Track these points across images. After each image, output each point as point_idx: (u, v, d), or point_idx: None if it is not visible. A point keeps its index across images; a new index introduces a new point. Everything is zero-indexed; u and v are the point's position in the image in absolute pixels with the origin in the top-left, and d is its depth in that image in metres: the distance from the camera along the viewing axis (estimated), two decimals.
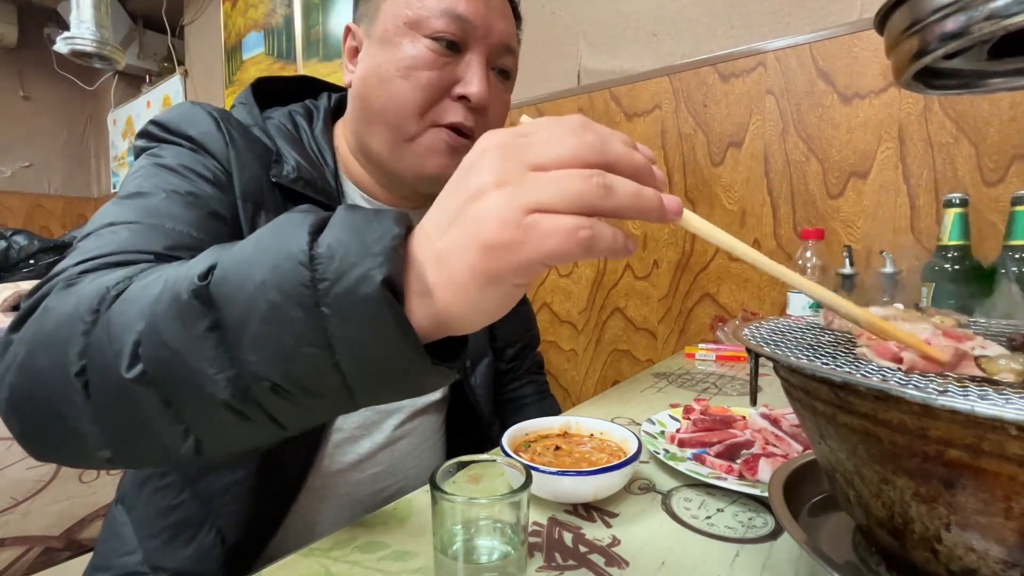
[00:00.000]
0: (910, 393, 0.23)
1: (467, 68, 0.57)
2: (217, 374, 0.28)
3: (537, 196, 0.25)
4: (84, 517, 0.82)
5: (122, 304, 0.32)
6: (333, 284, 0.26)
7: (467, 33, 0.56)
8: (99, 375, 0.31)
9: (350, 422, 0.61)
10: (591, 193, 0.26)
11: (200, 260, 0.31)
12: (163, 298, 0.30)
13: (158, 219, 0.45)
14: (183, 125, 0.54)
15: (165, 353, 0.29)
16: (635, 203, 0.27)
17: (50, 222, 3.55)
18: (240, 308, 0.28)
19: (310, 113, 0.66)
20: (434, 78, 0.56)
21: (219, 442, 0.32)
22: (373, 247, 0.27)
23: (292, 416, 0.30)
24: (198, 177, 0.51)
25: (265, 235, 0.30)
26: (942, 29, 0.30)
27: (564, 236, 0.25)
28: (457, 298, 0.27)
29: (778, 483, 0.39)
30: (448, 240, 0.27)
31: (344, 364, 0.27)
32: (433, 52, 0.55)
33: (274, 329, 0.27)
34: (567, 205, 0.25)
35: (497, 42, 0.58)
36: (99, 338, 0.31)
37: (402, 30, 0.56)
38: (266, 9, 2.40)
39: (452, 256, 0.27)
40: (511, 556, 0.31)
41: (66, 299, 0.34)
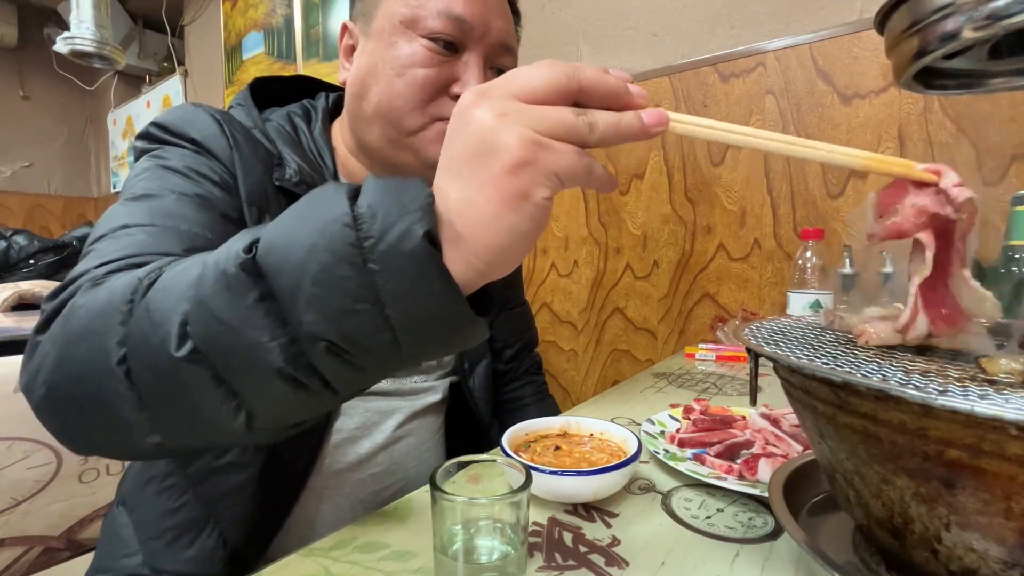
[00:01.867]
0: (910, 393, 0.23)
1: (465, 68, 0.56)
2: (271, 341, 0.29)
3: (538, 122, 0.28)
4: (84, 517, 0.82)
5: (159, 291, 0.32)
6: (378, 241, 0.28)
7: (465, 33, 0.55)
8: (143, 360, 0.31)
9: (350, 423, 0.61)
10: (580, 127, 0.29)
11: (238, 238, 0.31)
12: (206, 277, 0.30)
13: (172, 221, 0.45)
14: (185, 127, 0.53)
15: (216, 328, 0.30)
16: (616, 130, 0.30)
17: (50, 222, 3.55)
18: (290, 274, 0.29)
19: (308, 114, 0.65)
20: (431, 76, 0.55)
21: (271, 415, 0.32)
22: (410, 205, 0.28)
23: (345, 378, 0.31)
24: (204, 179, 0.51)
25: (302, 207, 0.31)
26: (942, 29, 0.30)
27: (574, 156, 0.29)
28: (493, 231, 0.29)
29: (778, 483, 0.39)
30: (469, 183, 0.29)
31: (393, 318, 0.28)
32: (430, 52, 0.55)
33: (327, 290, 0.28)
34: (562, 134, 0.29)
35: (495, 41, 0.58)
36: (139, 324, 0.32)
37: (399, 29, 0.56)
38: (266, 9, 2.40)
39: (478, 194, 0.28)
40: (511, 556, 0.31)
41: (96, 295, 0.35)
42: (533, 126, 0.28)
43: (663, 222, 1.28)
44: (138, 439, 0.33)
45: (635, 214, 1.33)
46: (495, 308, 0.34)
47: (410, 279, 0.28)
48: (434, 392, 0.69)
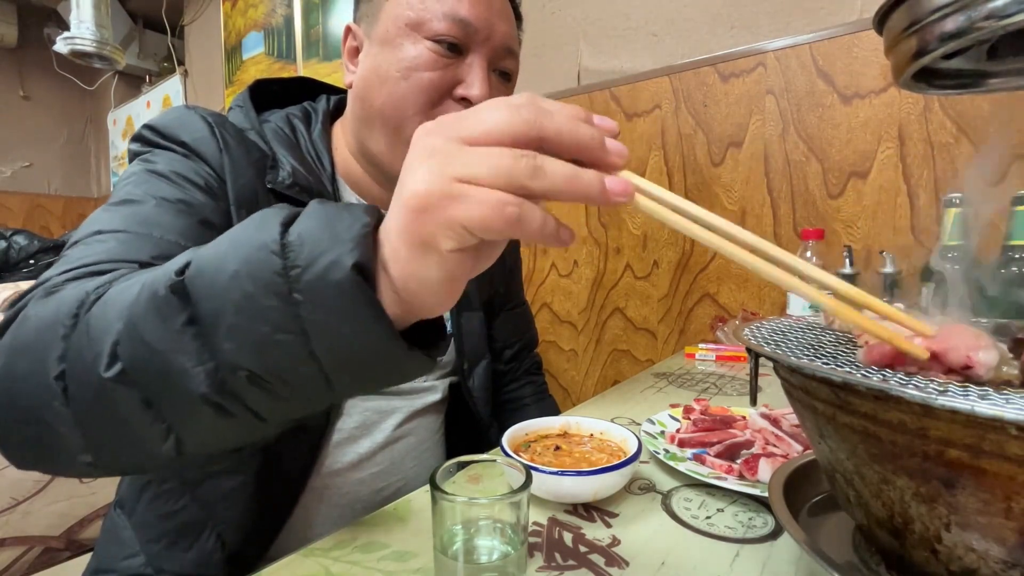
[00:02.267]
0: (910, 393, 0.23)
1: (468, 70, 0.57)
2: (195, 367, 0.28)
3: (464, 168, 0.26)
4: (84, 517, 0.82)
5: (101, 307, 0.32)
6: (304, 271, 0.27)
7: (469, 36, 0.56)
8: (78, 377, 0.31)
9: (350, 422, 0.61)
10: (519, 172, 0.25)
11: (177, 259, 0.31)
12: (141, 297, 0.30)
13: (146, 228, 0.45)
14: (176, 130, 0.53)
15: (144, 350, 0.29)
16: (569, 185, 0.26)
17: (50, 222, 3.55)
18: (215, 300, 0.28)
19: (308, 116, 0.65)
20: (435, 79, 0.55)
21: (200, 439, 0.32)
22: (343, 234, 0.27)
23: (271, 408, 0.30)
24: (190, 184, 0.50)
25: (238, 230, 0.30)
26: (941, 29, 0.30)
27: (490, 207, 0.25)
28: (406, 271, 0.28)
29: (778, 483, 0.39)
30: (392, 216, 0.28)
31: (319, 351, 0.28)
32: (434, 54, 0.55)
33: (248, 318, 0.28)
34: (494, 180, 0.25)
35: (499, 44, 0.58)
36: (79, 341, 0.31)
37: (403, 31, 0.56)
38: (266, 9, 2.40)
39: (392, 229, 0.28)
40: (511, 556, 0.31)
41: (46, 306, 0.34)
42: (455, 171, 0.25)
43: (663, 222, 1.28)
44: (71, 457, 0.33)
45: (635, 214, 1.33)
46: (444, 342, 0.33)
47: (336, 311, 0.27)
48: (434, 392, 0.69)
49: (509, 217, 0.25)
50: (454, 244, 0.26)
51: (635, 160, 1.32)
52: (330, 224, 0.28)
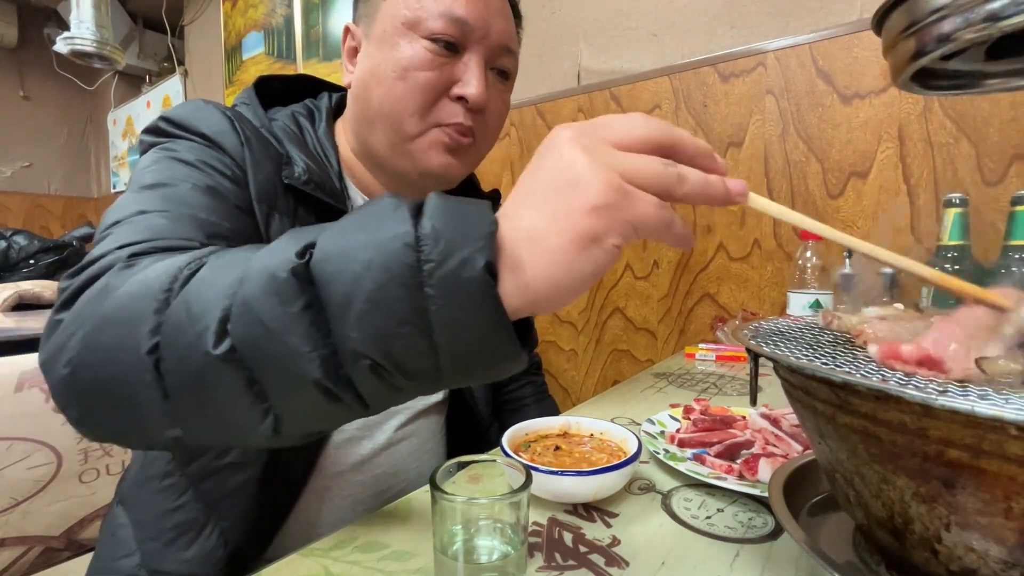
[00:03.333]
0: (910, 393, 0.23)
1: (465, 69, 0.57)
2: (312, 351, 0.28)
3: (627, 167, 0.28)
4: (84, 517, 0.82)
5: (199, 284, 0.32)
6: (438, 266, 0.27)
7: (465, 34, 0.56)
8: (176, 352, 0.31)
9: (352, 423, 0.61)
10: (669, 177, 0.28)
11: (286, 242, 0.31)
12: (252, 277, 0.30)
13: (187, 209, 0.44)
14: (195, 122, 0.53)
15: (258, 330, 0.29)
16: (704, 189, 0.30)
17: (50, 222, 3.55)
18: (344, 287, 0.28)
19: (312, 114, 0.65)
20: (432, 78, 0.55)
21: (300, 422, 0.32)
22: (473, 232, 0.27)
23: (379, 395, 0.30)
24: (216, 172, 0.50)
25: (362, 218, 0.30)
26: (939, 30, 0.30)
27: (656, 208, 0.28)
28: (555, 267, 0.28)
29: (778, 483, 0.39)
30: (541, 214, 0.28)
31: (440, 345, 0.28)
32: (431, 53, 0.55)
33: (378, 308, 0.27)
34: (650, 183, 0.28)
35: (496, 43, 0.58)
36: (176, 315, 0.31)
37: (400, 30, 0.56)
38: (266, 9, 2.40)
39: (549, 227, 0.28)
40: (511, 556, 0.31)
41: (131, 278, 0.34)
42: (622, 171, 0.28)
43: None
44: (157, 431, 0.33)
45: None
46: (535, 340, 0.34)
47: (463, 308, 0.27)
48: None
49: (666, 218, 0.28)
50: (621, 240, 0.28)
51: None
52: (460, 220, 0.28)
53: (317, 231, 0.31)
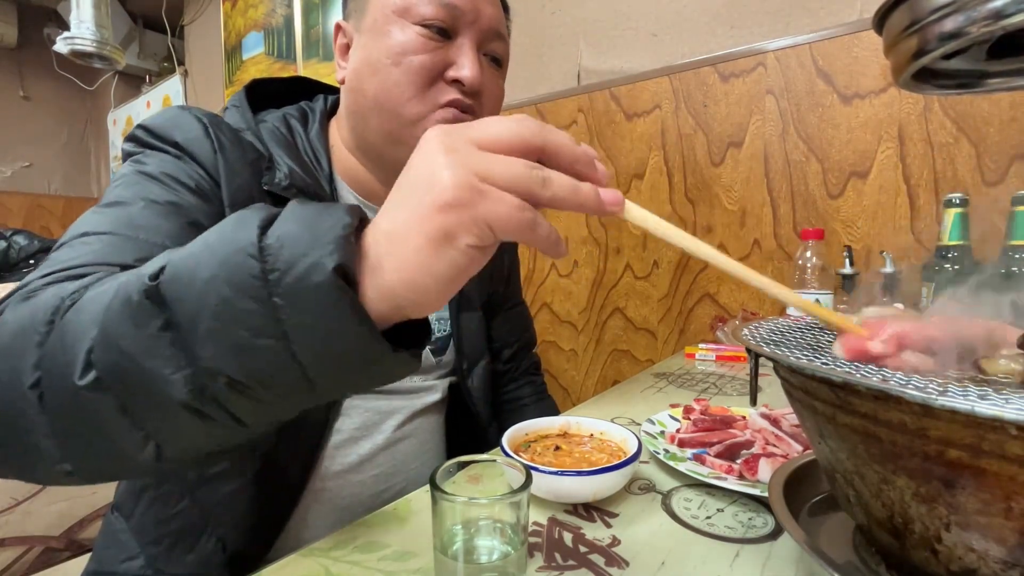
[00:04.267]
0: (910, 393, 0.23)
1: (459, 52, 0.57)
2: (173, 374, 0.28)
3: (485, 167, 0.27)
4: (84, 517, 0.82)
5: (76, 312, 0.31)
6: (284, 274, 0.26)
7: (456, 19, 0.56)
8: (53, 385, 0.30)
9: (349, 423, 0.61)
10: (532, 180, 0.27)
11: (152, 262, 0.30)
12: (115, 302, 0.29)
13: (132, 230, 0.44)
14: (170, 130, 0.53)
15: (118, 357, 0.28)
16: (571, 196, 0.29)
17: (50, 222, 3.55)
18: (191, 304, 0.27)
19: (305, 115, 0.65)
20: (426, 61, 0.56)
21: (180, 445, 0.31)
22: (323, 236, 0.27)
23: (252, 412, 0.30)
24: (180, 185, 0.50)
25: (215, 232, 0.30)
26: (941, 29, 0.30)
27: (513, 208, 0.27)
28: (411, 267, 0.27)
29: (778, 483, 0.39)
30: (400, 213, 0.28)
31: (301, 354, 0.27)
32: (423, 38, 0.55)
33: (227, 322, 0.27)
34: (509, 184, 0.27)
35: (487, 27, 0.58)
36: (53, 348, 0.30)
37: (391, 18, 0.56)
38: (266, 9, 2.40)
39: (404, 226, 0.27)
40: (511, 556, 0.31)
41: (22, 310, 0.33)
42: (479, 169, 0.27)
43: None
44: (49, 466, 0.32)
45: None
46: (427, 338, 0.33)
47: (317, 314, 0.26)
48: (433, 392, 0.69)
49: (527, 220, 0.27)
50: (475, 240, 0.27)
51: (635, 160, 1.32)
52: (310, 225, 0.27)
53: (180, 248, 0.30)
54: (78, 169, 3.73)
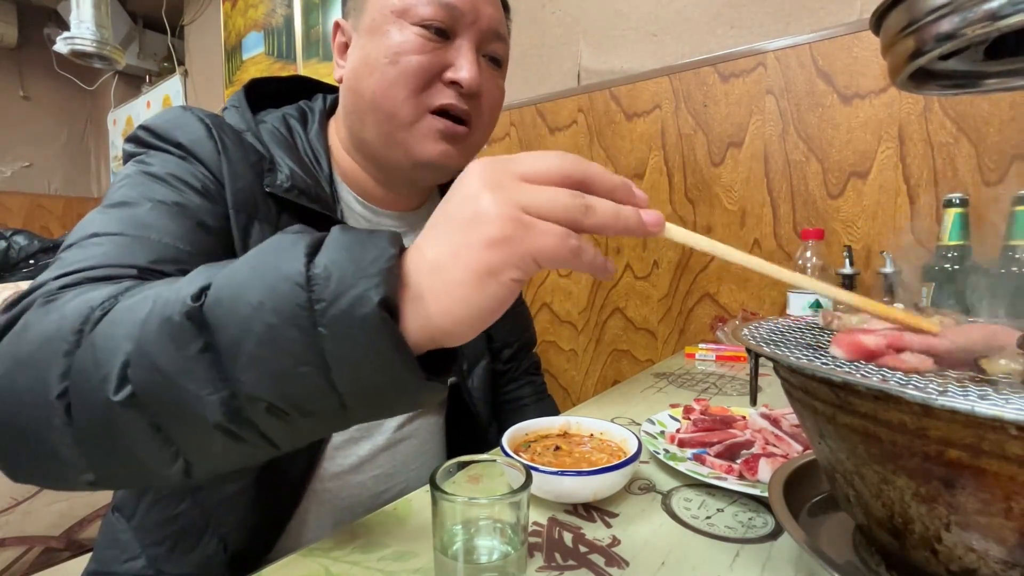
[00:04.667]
0: (910, 393, 0.23)
1: (457, 54, 0.57)
2: (211, 395, 0.28)
3: (529, 199, 0.28)
4: (84, 517, 0.82)
5: (108, 325, 0.31)
6: (330, 305, 0.27)
7: (456, 20, 0.56)
8: (83, 397, 0.30)
9: None
10: (576, 208, 0.28)
11: (191, 280, 0.30)
12: (152, 319, 0.29)
13: (143, 231, 0.44)
14: (173, 131, 0.53)
15: (156, 375, 0.29)
16: (614, 221, 0.30)
17: (50, 222, 3.55)
18: (235, 329, 0.28)
19: (304, 115, 0.65)
20: (424, 62, 0.55)
21: (210, 463, 0.31)
22: (369, 268, 0.27)
23: (286, 435, 0.30)
24: (186, 187, 0.50)
25: (260, 256, 0.30)
26: (938, 30, 0.30)
27: (558, 238, 0.28)
28: (454, 300, 0.28)
29: (778, 483, 0.39)
30: (444, 246, 0.28)
31: (340, 384, 0.28)
32: (422, 38, 0.55)
33: (270, 350, 0.27)
34: (555, 214, 0.28)
35: (486, 27, 0.58)
36: (83, 360, 0.30)
37: (390, 18, 0.56)
38: (266, 9, 2.40)
39: (450, 259, 0.28)
40: (511, 556, 0.31)
41: (46, 316, 0.33)
42: (524, 203, 0.28)
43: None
44: (72, 475, 0.32)
45: None
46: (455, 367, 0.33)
47: (361, 346, 0.27)
48: None
49: (573, 248, 0.28)
50: (520, 274, 0.28)
51: (635, 160, 1.32)
52: (355, 256, 0.28)
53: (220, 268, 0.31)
54: (78, 169, 3.73)
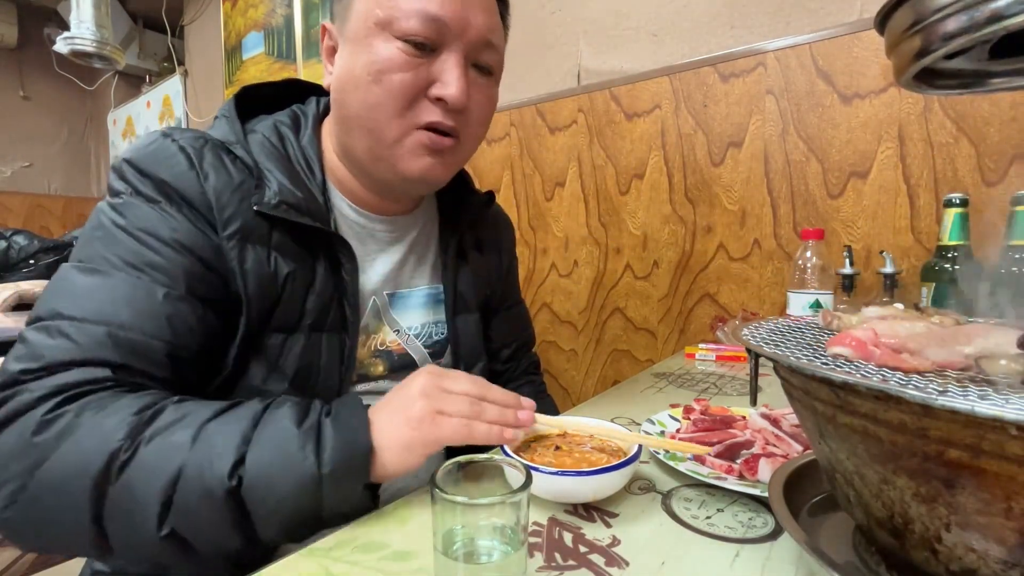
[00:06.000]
0: (910, 393, 0.23)
1: (443, 68, 0.54)
2: (237, 535, 0.42)
3: (442, 405, 0.47)
4: None
5: (139, 471, 0.40)
6: (334, 490, 0.42)
7: (442, 33, 0.54)
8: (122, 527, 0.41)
9: None
10: (471, 411, 0.47)
11: (221, 454, 0.41)
12: (190, 483, 0.40)
13: (110, 315, 0.45)
14: (155, 167, 0.52)
15: (196, 524, 0.41)
16: (498, 416, 0.49)
17: (50, 222, 3.55)
18: (264, 512, 0.41)
19: (297, 121, 0.63)
20: (407, 80, 0.54)
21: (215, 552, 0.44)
22: (360, 471, 0.44)
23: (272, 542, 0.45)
24: (159, 242, 0.49)
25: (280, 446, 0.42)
26: (943, 29, 0.30)
27: (452, 429, 0.46)
28: (392, 456, 0.45)
29: (778, 483, 0.39)
30: (390, 423, 0.46)
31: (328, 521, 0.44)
32: (406, 54, 0.53)
33: (291, 523, 0.42)
34: (458, 412, 0.47)
35: (475, 38, 0.55)
36: (120, 499, 0.40)
37: (373, 31, 0.54)
38: (266, 9, 2.40)
39: (391, 432, 0.46)
40: (511, 556, 0.31)
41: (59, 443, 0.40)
42: (438, 407, 0.46)
43: (663, 222, 1.28)
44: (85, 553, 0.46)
45: (635, 214, 1.33)
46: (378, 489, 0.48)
47: (348, 503, 0.44)
48: None
49: (464, 434, 0.46)
50: (428, 450, 0.46)
51: (635, 160, 1.32)
52: (350, 459, 0.43)
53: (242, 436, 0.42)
54: (78, 169, 3.73)
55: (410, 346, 0.67)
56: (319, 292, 0.57)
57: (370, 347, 0.64)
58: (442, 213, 0.74)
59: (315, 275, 0.57)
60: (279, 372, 0.55)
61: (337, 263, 0.59)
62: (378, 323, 0.65)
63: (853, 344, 0.30)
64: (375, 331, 0.65)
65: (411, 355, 0.67)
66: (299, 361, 0.56)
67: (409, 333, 0.67)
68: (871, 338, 0.30)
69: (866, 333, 0.30)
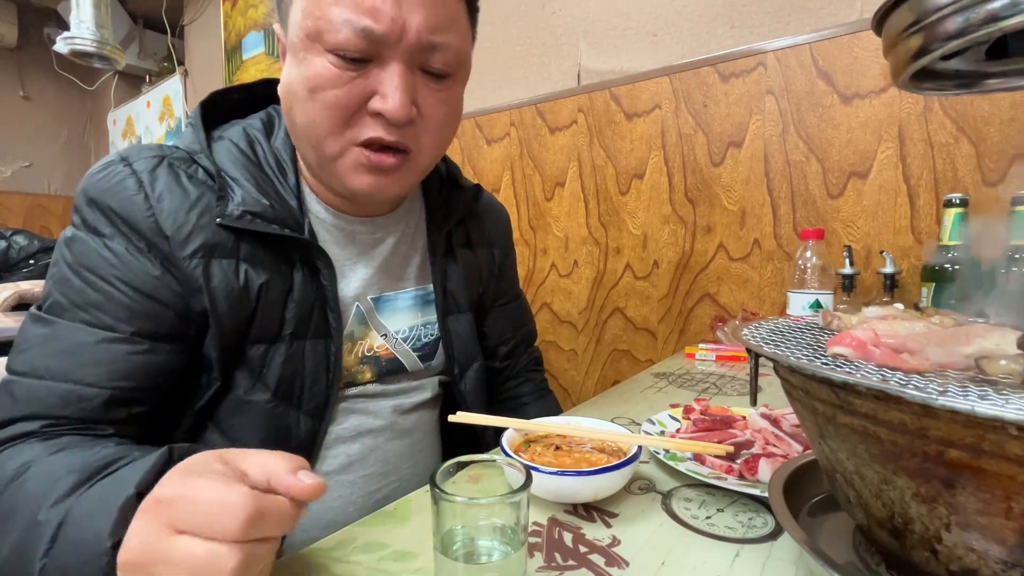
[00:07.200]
0: (910, 393, 0.23)
1: (380, 80, 0.50)
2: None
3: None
4: None
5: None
6: None
7: (374, 43, 0.49)
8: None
9: (338, 426, 0.61)
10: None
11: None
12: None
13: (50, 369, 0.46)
14: (104, 196, 0.51)
15: None
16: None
17: (50, 222, 3.55)
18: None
19: (270, 123, 0.61)
20: (341, 96, 0.50)
21: None
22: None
23: None
24: (107, 284, 0.49)
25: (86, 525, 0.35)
26: (941, 30, 0.30)
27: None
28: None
29: (778, 483, 0.39)
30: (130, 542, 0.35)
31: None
32: (337, 68, 0.49)
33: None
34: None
35: (415, 42, 0.50)
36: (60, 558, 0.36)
37: (305, 42, 0.50)
38: (266, 9, 2.40)
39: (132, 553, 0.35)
40: (511, 556, 0.31)
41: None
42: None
43: (663, 222, 1.28)
44: None
45: (635, 214, 1.33)
46: None
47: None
48: (423, 390, 0.69)
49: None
50: None
51: (635, 160, 1.32)
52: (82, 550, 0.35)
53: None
54: (78, 169, 3.73)
55: (398, 350, 0.66)
56: (299, 300, 0.56)
57: (357, 353, 0.63)
58: (428, 209, 0.71)
59: (293, 283, 0.56)
60: (262, 383, 0.55)
61: (315, 269, 0.57)
62: (364, 328, 0.63)
63: (853, 344, 0.30)
64: (361, 336, 0.63)
65: (400, 360, 0.66)
66: (282, 370, 0.55)
67: (397, 337, 0.66)
68: (871, 338, 0.30)
69: (866, 333, 0.30)
